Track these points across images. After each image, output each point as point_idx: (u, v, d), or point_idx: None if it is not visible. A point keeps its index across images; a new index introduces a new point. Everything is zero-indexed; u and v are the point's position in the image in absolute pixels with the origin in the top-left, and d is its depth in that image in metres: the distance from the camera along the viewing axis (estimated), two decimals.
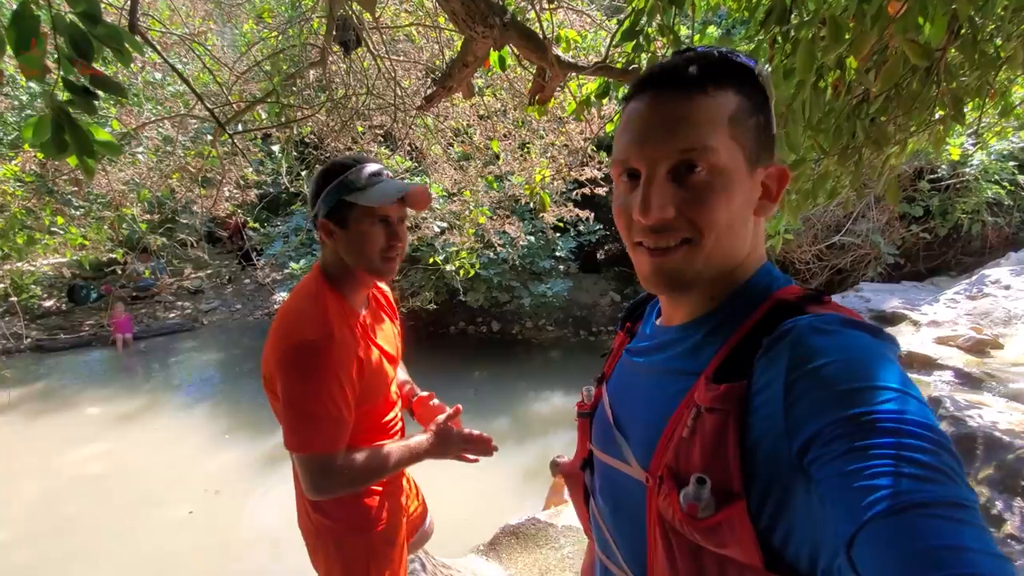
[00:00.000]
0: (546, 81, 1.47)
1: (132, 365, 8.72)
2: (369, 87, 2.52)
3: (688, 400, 0.58)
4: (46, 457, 5.62)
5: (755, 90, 0.58)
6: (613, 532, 0.69)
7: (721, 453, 0.52)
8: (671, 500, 0.55)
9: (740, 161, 0.56)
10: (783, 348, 0.51)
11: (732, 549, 0.53)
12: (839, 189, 2.09)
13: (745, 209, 0.58)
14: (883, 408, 0.44)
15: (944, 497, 0.40)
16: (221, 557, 4.01)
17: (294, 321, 1.11)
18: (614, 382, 0.74)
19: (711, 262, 0.58)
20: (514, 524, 3.36)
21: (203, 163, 2.75)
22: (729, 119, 0.55)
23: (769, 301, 0.58)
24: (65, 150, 0.98)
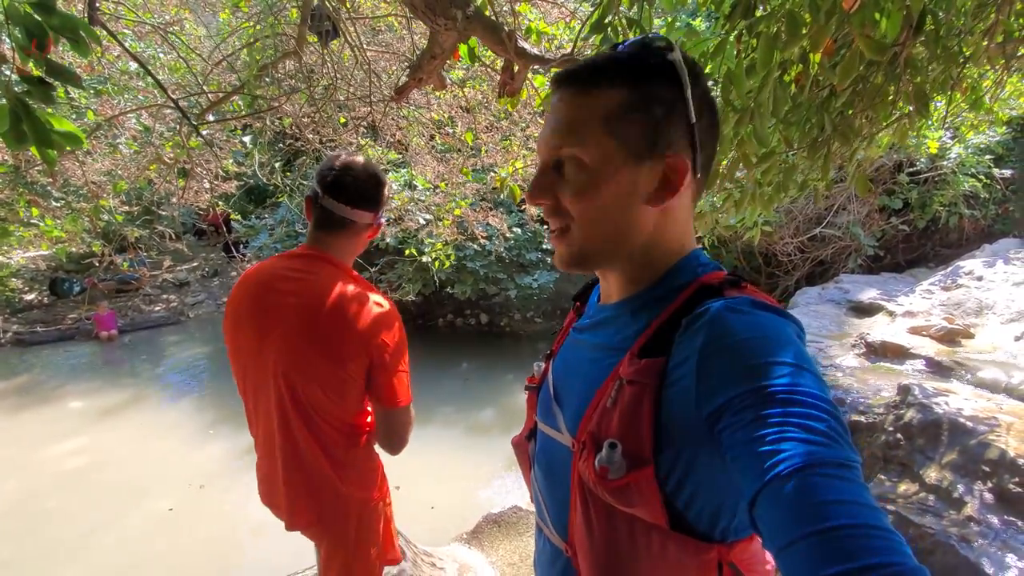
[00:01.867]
0: (514, 74, 1.48)
1: (116, 359, 8.64)
2: (346, 77, 2.51)
3: (614, 374, 0.62)
4: (27, 452, 5.57)
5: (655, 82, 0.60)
6: (545, 496, 0.74)
7: (636, 422, 0.57)
8: (588, 463, 0.59)
9: (616, 155, 0.59)
10: (699, 327, 0.56)
11: (639, 509, 0.58)
12: (810, 181, 2.12)
13: (622, 200, 0.61)
14: (781, 381, 0.49)
15: (833, 458, 0.44)
16: (205, 551, 4.02)
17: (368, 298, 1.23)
18: (559, 357, 0.78)
19: (588, 247, 0.64)
20: (496, 513, 3.40)
21: (179, 154, 2.72)
22: (605, 117, 0.59)
23: (693, 285, 0.62)
24: (23, 141, 0.98)
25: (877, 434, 2.59)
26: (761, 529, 0.46)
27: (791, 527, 0.42)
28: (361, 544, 1.39)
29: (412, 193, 4.72)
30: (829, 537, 0.40)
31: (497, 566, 2.93)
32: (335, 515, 1.35)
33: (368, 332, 1.19)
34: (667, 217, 0.64)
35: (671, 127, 0.60)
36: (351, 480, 1.32)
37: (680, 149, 0.61)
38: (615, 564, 0.62)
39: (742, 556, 0.60)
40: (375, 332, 1.19)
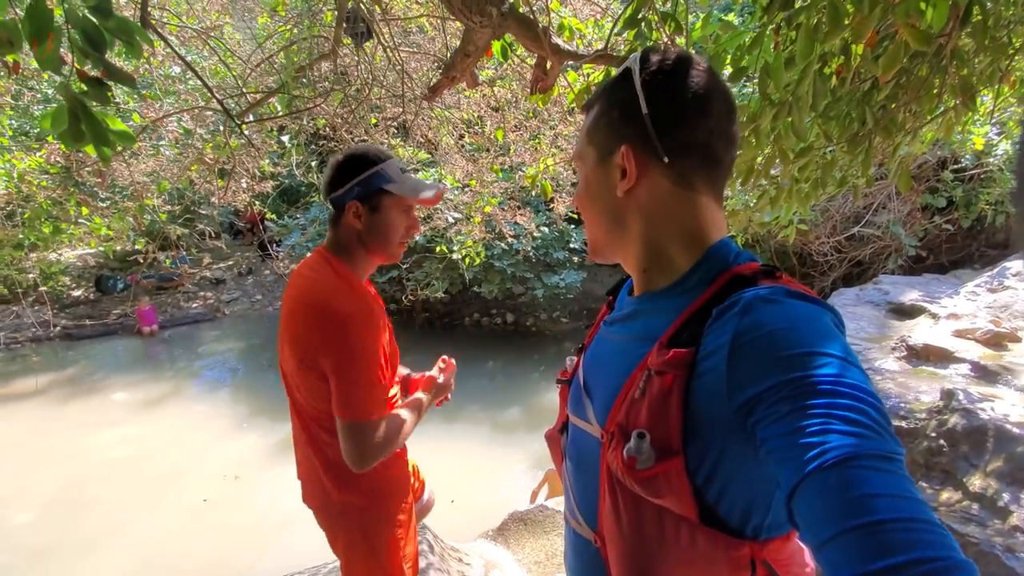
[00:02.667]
0: (546, 70, 1.48)
1: (156, 353, 8.98)
2: (381, 78, 2.55)
3: (643, 364, 0.62)
4: (74, 441, 5.85)
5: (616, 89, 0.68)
6: (574, 487, 0.75)
7: (665, 412, 0.57)
8: (617, 453, 0.60)
9: (593, 159, 0.70)
10: (731, 317, 0.55)
11: (668, 500, 0.58)
12: (849, 178, 2.06)
13: (603, 193, 0.69)
14: (821, 372, 0.48)
15: (874, 450, 0.43)
16: (239, 540, 4.15)
17: (329, 298, 1.17)
18: (590, 351, 0.79)
19: (592, 239, 0.74)
20: (523, 511, 3.41)
21: (220, 154, 2.82)
22: (587, 130, 0.71)
23: (726, 275, 0.62)
24: (82, 139, 1.02)
25: (919, 440, 2.49)
26: (800, 523, 0.45)
27: (833, 521, 0.41)
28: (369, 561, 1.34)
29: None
30: (873, 531, 0.39)
31: (524, 564, 2.94)
32: (331, 520, 1.35)
33: (319, 336, 1.15)
34: (650, 206, 0.66)
35: (626, 122, 0.65)
36: (345, 486, 1.29)
37: (634, 140, 0.65)
38: (643, 555, 0.62)
39: (777, 555, 0.59)
40: (325, 337, 1.15)
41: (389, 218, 1.26)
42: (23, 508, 4.65)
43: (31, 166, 2.77)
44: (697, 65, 0.65)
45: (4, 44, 1.00)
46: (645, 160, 0.65)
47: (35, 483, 5.03)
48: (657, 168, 0.64)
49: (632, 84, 0.64)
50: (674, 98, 0.64)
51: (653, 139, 0.63)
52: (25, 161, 2.76)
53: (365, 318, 1.17)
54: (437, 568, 2.34)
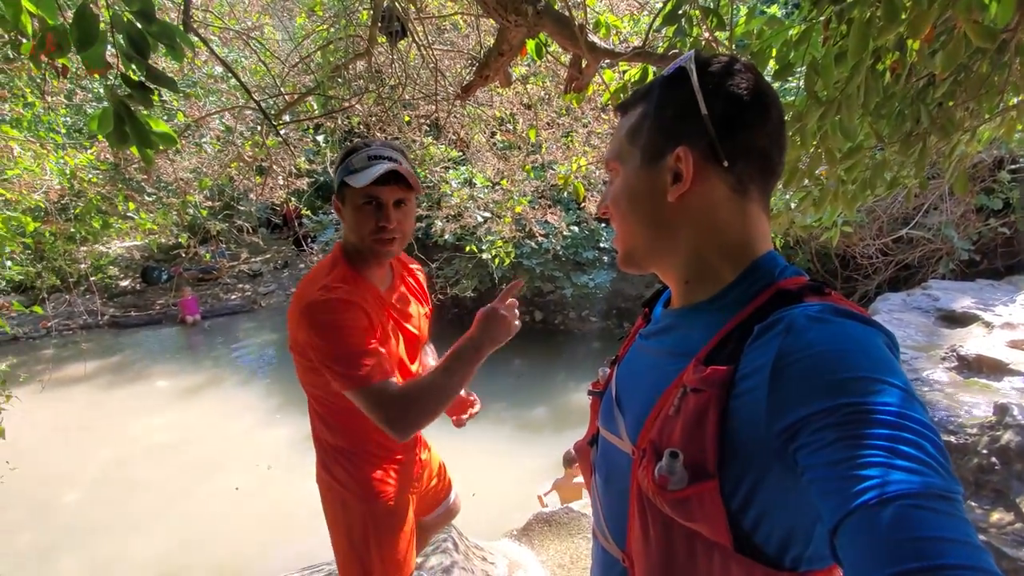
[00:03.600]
0: (582, 69, 1.45)
1: (197, 343, 9.32)
2: (414, 77, 2.56)
3: (678, 381, 0.60)
4: (120, 425, 6.13)
5: (668, 89, 0.64)
6: (603, 504, 0.73)
7: (700, 432, 0.54)
8: (648, 472, 0.58)
9: (637, 162, 0.65)
10: (774, 335, 0.52)
11: (701, 524, 0.55)
12: (901, 179, 1.96)
13: (645, 199, 0.65)
14: (873, 400, 0.45)
15: (929, 488, 0.40)
16: (272, 526, 4.27)
17: (307, 285, 1.22)
18: (624, 363, 0.77)
19: (628, 246, 0.69)
20: (548, 512, 3.39)
21: (258, 153, 2.89)
22: (628, 131, 0.67)
23: (769, 290, 0.59)
24: (126, 141, 1.05)
25: (969, 456, 2.36)
26: (844, 561, 0.42)
27: (882, 563, 0.38)
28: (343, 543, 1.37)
29: (471, 191, 4.78)
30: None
31: (547, 565, 2.92)
32: (322, 495, 1.40)
33: (301, 327, 1.18)
34: (701, 212, 0.63)
35: (681, 123, 0.62)
36: (329, 470, 1.35)
37: (691, 141, 0.61)
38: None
39: None
40: (300, 327, 1.18)
41: (351, 210, 1.22)
42: (74, 487, 4.90)
43: (83, 163, 2.91)
44: (751, 69, 0.63)
45: (54, 48, 1.03)
46: (703, 164, 0.61)
47: (84, 464, 5.29)
48: (715, 173, 0.61)
49: (687, 85, 0.61)
50: (734, 100, 0.61)
51: (714, 142, 0.60)
52: (78, 158, 2.90)
53: (336, 301, 1.15)
54: (461, 567, 2.35)
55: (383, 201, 1.20)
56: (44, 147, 2.82)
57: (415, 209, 1.31)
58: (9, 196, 2.57)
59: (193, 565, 3.90)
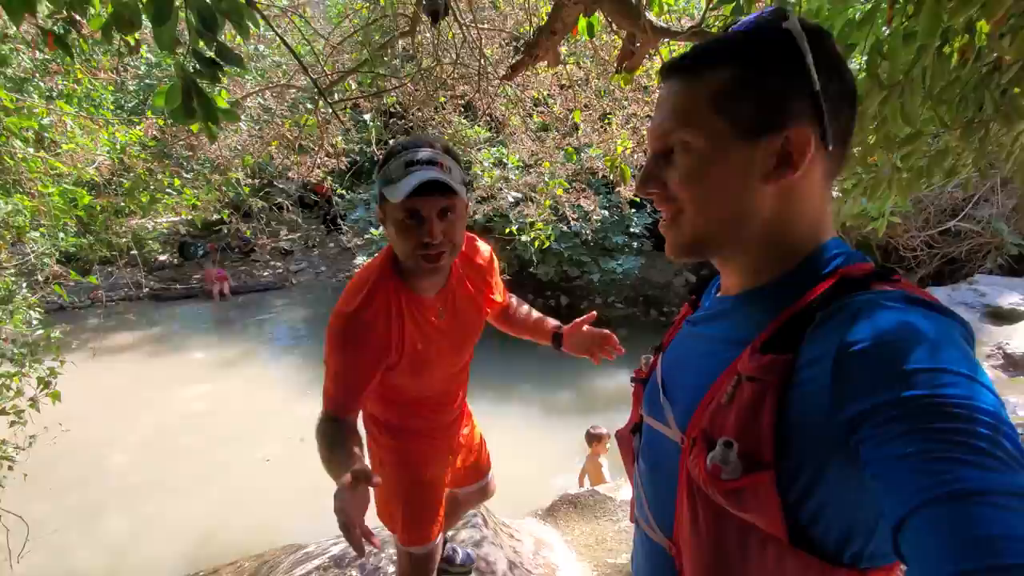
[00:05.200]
0: (635, 48, 1.42)
1: (231, 317, 9.62)
2: (455, 57, 2.55)
3: (732, 368, 0.58)
4: (160, 394, 6.40)
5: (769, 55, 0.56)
6: (648, 492, 0.71)
7: (755, 422, 0.52)
8: (699, 461, 0.56)
9: (727, 135, 0.57)
10: (838, 323, 0.50)
11: (755, 516, 0.53)
12: (959, 168, 1.88)
13: (735, 180, 0.57)
14: (945, 392, 0.42)
15: (1003, 486, 0.38)
16: (304, 496, 4.41)
17: (346, 291, 1.20)
18: (670, 351, 0.75)
19: (700, 231, 0.61)
20: (573, 493, 3.43)
21: (300, 131, 2.93)
22: (715, 96, 0.56)
23: (833, 277, 0.55)
24: (193, 116, 1.08)
25: None
26: (908, 557, 0.41)
27: (949, 560, 0.37)
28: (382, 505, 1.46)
29: (502, 171, 4.76)
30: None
31: (572, 545, 2.96)
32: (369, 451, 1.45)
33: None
34: (792, 199, 0.59)
35: (790, 99, 0.56)
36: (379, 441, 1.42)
37: (802, 121, 0.56)
38: (723, 569, 0.58)
39: None
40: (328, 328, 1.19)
41: (392, 225, 1.10)
42: (120, 450, 5.16)
43: (133, 139, 3.00)
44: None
45: (125, 24, 1.06)
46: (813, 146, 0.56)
47: (129, 428, 5.56)
48: (818, 158, 0.57)
49: (793, 53, 0.55)
50: (843, 79, 0.57)
51: (826, 124, 0.56)
52: (128, 134, 2.99)
53: (350, 322, 1.14)
54: (491, 541, 2.40)
55: (425, 214, 1.06)
56: (95, 123, 2.92)
57: (466, 214, 1.18)
58: (65, 169, 2.67)
59: (229, 528, 4.09)
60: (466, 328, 1.35)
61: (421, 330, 1.22)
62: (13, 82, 3.22)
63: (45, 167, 2.76)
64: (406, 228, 1.08)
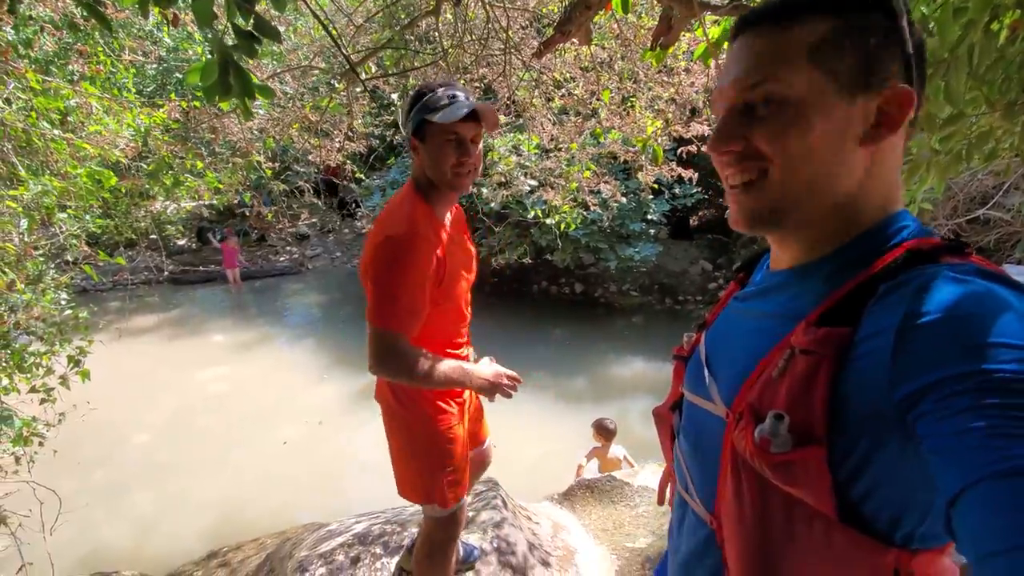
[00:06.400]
0: (671, 24, 1.38)
1: (248, 301, 9.73)
2: (481, 36, 2.52)
3: (784, 343, 0.56)
4: (181, 375, 6.51)
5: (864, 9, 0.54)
6: (691, 467, 0.70)
7: (808, 395, 0.51)
8: (746, 434, 0.55)
9: (826, 89, 0.53)
10: (902, 296, 0.48)
11: (803, 491, 0.52)
12: (999, 151, 1.82)
13: (833, 139, 0.54)
14: (1012, 367, 0.41)
15: None
16: (322, 478, 4.50)
17: (385, 220, 1.30)
18: (715, 327, 0.74)
19: (791, 196, 0.56)
20: (589, 479, 3.44)
21: (321, 114, 2.93)
22: (812, 47, 0.53)
23: (899, 248, 0.54)
24: (230, 92, 1.08)
25: None
26: (960, 532, 0.40)
27: (1003, 536, 0.36)
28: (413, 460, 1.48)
29: (519, 158, 4.72)
30: None
31: (590, 529, 2.98)
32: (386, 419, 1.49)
33: (368, 254, 1.27)
34: (877, 164, 0.56)
35: (887, 58, 0.54)
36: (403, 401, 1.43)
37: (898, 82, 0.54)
38: (767, 546, 0.57)
39: (926, 569, 0.52)
40: (370, 254, 1.26)
41: (434, 147, 1.27)
42: (142, 430, 5.28)
43: (158, 121, 3.02)
44: None
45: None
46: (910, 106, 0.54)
47: (153, 409, 5.68)
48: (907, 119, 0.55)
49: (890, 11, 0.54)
50: (922, 42, 0.56)
51: (916, 85, 0.54)
52: (152, 115, 3.01)
53: (410, 240, 1.23)
54: (511, 523, 2.42)
55: (463, 137, 1.27)
56: (121, 104, 2.95)
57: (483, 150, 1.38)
58: (92, 151, 2.71)
59: (250, 507, 4.17)
60: (470, 261, 1.49)
61: (451, 251, 1.35)
62: (38, 63, 3.25)
63: (71, 149, 2.79)
64: (448, 149, 1.27)
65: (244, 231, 11.72)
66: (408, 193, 1.34)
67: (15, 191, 2.40)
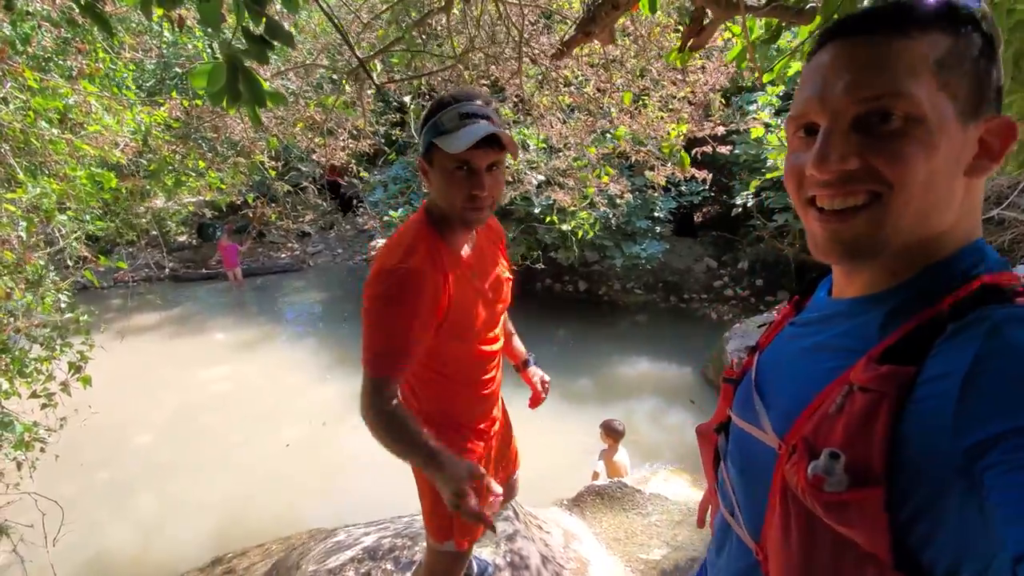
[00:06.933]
0: (703, 25, 1.31)
1: (250, 299, 9.66)
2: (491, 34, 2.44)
3: (843, 378, 0.53)
4: (183, 374, 6.46)
5: (975, 33, 0.50)
6: (738, 494, 0.69)
7: (867, 435, 0.49)
8: (799, 469, 0.53)
9: (948, 112, 0.49)
10: (971, 338, 0.46)
11: (857, 532, 0.50)
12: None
13: (951, 167, 0.50)
14: None
15: None
16: (326, 480, 4.45)
17: (386, 249, 1.17)
18: (768, 352, 0.71)
19: (901, 226, 0.51)
20: (600, 485, 3.39)
21: (327, 113, 2.85)
22: (936, 63, 0.49)
23: (973, 283, 0.50)
24: (239, 99, 1.01)
25: None
26: None
27: None
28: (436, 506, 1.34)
29: (526, 154, 4.63)
30: None
31: (601, 538, 2.93)
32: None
33: (366, 288, 1.14)
34: (969, 197, 0.53)
35: (989, 85, 0.51)
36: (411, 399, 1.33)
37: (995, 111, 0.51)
38: None
39: None
40: (367, 288, 1.14)
41: (442, 175, 1.11)
42: (146, 430, 5.23)
43: (159, 119, 2.94)
44: None
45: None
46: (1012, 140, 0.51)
47: (155, 409, 5.62)
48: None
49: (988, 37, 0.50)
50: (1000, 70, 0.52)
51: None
52: (153, 114, 2.94)
53: (401, 276, 1.09)
54: (523, 535, 2.37)
55: (476, 167, 1.09)
56: (121, 103, 2.87)
57: (504, 171, 1.19)
58: (92, 151, 2.63)
59: (254, 509, 4.13)
60: (497, 291, 1.34)
61: (461, 286, 1.20)
62: (35, 60, 3.18)
63: (70, 148, 2.72)
64: (457, 179, 1.10)
65: (245, 227, 11.64)
66: (417, 220, 1.20)
67: (13, 194, 2.33)
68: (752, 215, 7.40)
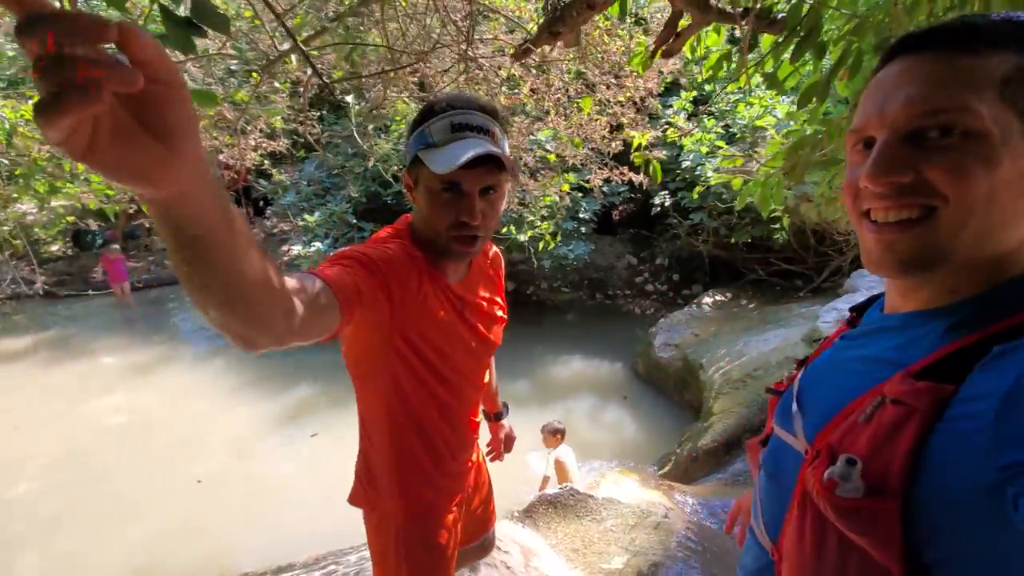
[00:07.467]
0: (678, 31, 1.25)
1: (142, 316, 8.64)
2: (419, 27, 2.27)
3: (877, 389, 0.54)
4: (65, 406, 5.60)
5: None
6: (763, 497, 0.70)
7: (890, 447, 0.48)
8: (817, 471, 0.53)
9: (1014, 129, 0.49)
10: (1016, 360, 0.45)
11: (868, 540, 0.49)
12: None
13: (1017, 186, 0.49)
14: None
15: None
16: (250, 518, 4.01)
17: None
18: (814, 364, 0.72)
19: (958, 242, 0.51)
20: (552, 493, 3.33)
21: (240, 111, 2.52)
22: (1002, 80, 0.48)
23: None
24: None
25: None
26: None
27: None
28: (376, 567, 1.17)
29: None
30: None
31: (560, 551, 2.87)
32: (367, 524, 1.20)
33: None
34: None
35: None
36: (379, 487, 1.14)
37: None
38: None
39: None
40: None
41: (425, 196, 0.94)
42: (21, 479, 4.45)
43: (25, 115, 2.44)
44: None
45: None
46: None
47: (33, 451, 4.81)
48: None
49: None
50: None
51: None
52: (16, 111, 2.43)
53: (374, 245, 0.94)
54: (486, 563, 2.24)
55: (467, 190, 0.92)
56: None
57: (505, 196, 1.00)
58: None
59: (167, 560, 3.63)
60: (489, 329, 1.15)
61: (446, 313, 1.01)
62: None
63: None
64: (442, 202, 0.93)
65: (132, 233, 10.40)
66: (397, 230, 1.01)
67: None
68: (669, 214, 7.75)
